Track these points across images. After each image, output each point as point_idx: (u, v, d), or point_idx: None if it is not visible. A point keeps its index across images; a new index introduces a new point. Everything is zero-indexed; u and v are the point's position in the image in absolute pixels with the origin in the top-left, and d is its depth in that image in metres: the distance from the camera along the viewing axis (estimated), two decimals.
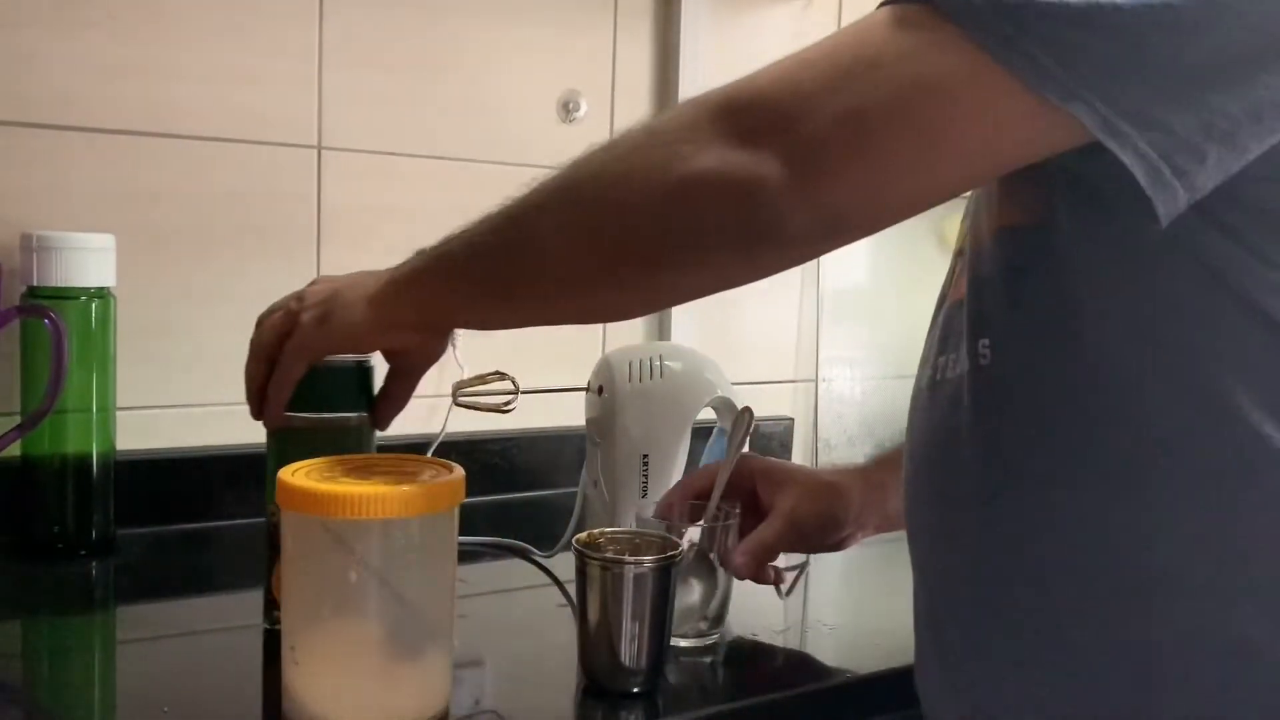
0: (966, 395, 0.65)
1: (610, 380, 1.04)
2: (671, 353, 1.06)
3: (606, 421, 1.04)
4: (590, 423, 1.08)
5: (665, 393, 1.03)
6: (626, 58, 1.42)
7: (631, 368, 1.02)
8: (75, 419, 1.02)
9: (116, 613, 0.99)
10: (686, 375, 1.05)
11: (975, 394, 0.65)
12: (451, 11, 1.29)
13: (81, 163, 1.12)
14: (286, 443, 0.83)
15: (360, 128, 1.25)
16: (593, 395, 1.06)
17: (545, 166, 1.16)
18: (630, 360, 1.03)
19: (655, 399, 1.03)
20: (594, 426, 1.07)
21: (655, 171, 0.62)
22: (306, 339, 0.79)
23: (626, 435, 1.03)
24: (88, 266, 1.02)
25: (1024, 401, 0.63)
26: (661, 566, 0.77)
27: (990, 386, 0.64)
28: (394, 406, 0.87)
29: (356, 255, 1.25)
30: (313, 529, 0.69)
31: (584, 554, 0.78)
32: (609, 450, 1.04)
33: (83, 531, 1.04)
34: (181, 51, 1.15)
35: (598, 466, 1.06)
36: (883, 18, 0.57)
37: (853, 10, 1.58)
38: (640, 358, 1.03)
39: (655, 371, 1.02)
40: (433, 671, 0.72)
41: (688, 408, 1.04)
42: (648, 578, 0.77)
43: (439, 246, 0.75)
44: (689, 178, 0.60)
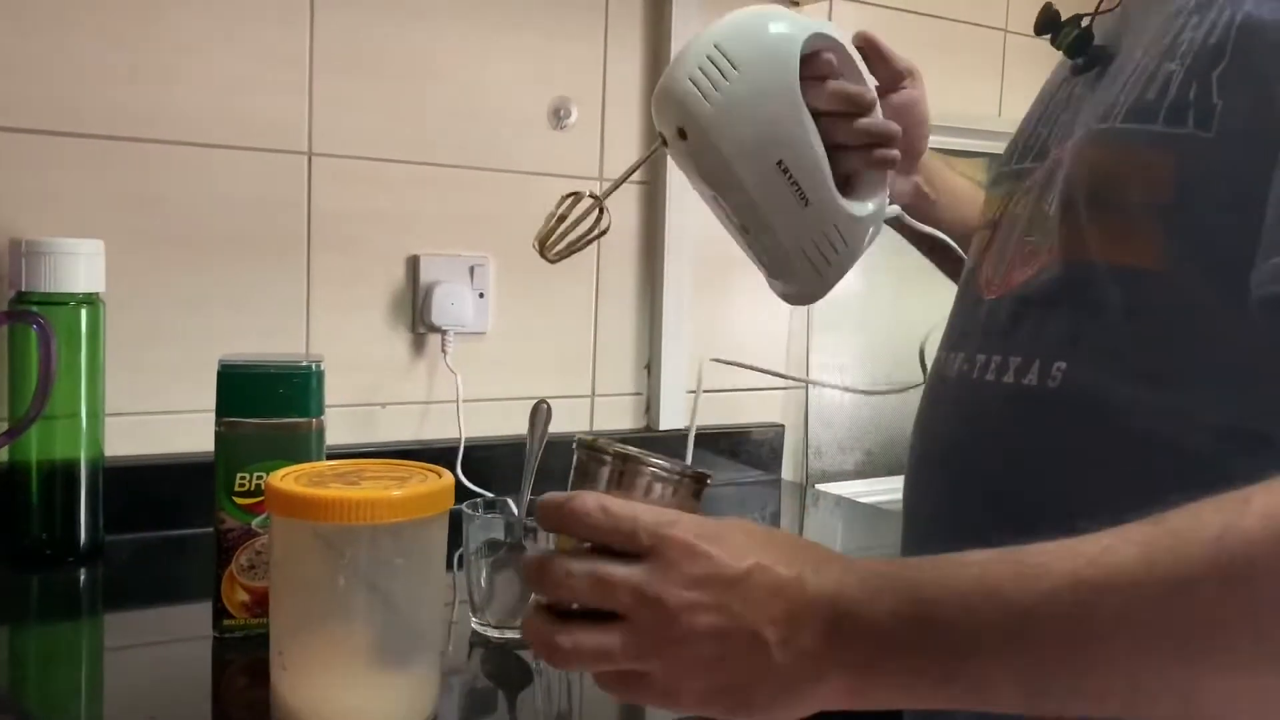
0: (1024, 409, 0.63)
1: (682, 111, 0.77)
2: (723, 37, 0.77)
3: (710, 160, 0.78)
4: (693, 182, 0.84)
5: (754, 79, 0.77)
6: (617, 65, 1.42)
7: (697, 83, 0.76)
8: (63, 425, 1.02)
9: (104, 620, 0.99)
10: (759, 48, 0.78)
11: (1040, 413, 0.63)
12: (442, 18, 1.30)
13: (71, 168, 1.11)
14: (236, 448, 0.83)
15: (351, 134, 1.25)
16: (673, 145, 0.80)
17: (536, 173, 1.17)
18: (686, 76, 0.76)
19: (746, 96, 0.77)
20: (701, 182, 0.82)
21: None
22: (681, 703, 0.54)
23: (745, 158, 0.78)
24: (77, 272, 1.02)
25: (1110, 441, 0.60)
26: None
27: (1063, 410, 0.62)
28: None
29: (346, 261, 1.26)
30: (302, 534, 0.69)
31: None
32: (735, 190, 0.80)
33: (71, 538, 1.03)
34: (172, 58, 1.15)
35: (735, 222, 0.84)
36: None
37: (842, 20, 1.59)
38: (693, 63, 0.77)
39: (723, 69, 0.76)
40: (421, 677, 0.72)
41: (785, 78, 0.78)
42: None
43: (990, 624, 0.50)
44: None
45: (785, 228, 0.81)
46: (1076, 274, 0.63)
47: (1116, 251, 0.60)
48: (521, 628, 0.60)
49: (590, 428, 1.45)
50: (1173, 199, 0.58)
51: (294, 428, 0.85)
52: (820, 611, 0.51)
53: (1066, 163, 0.66)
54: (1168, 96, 0.59)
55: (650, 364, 1.48)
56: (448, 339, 1.31)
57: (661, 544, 0.53)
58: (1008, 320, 0.67)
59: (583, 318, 1.43)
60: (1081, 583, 0.48)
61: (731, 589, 0.52)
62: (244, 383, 0.85)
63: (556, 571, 0.54)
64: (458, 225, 1.33)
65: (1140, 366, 0.59)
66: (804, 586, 0.52)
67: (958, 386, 0.70)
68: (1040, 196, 0.69)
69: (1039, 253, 0.67)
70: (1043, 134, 0.73)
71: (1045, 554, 0.50)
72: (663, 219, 1.45)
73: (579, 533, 0.55)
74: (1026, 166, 0.73)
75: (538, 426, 0.96)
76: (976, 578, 0.50)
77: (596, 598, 0.53)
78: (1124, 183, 0.60)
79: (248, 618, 0.85)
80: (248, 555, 0.85)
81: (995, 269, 0.71)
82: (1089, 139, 0.64)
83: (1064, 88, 0.74)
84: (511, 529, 0.91)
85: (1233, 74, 0.56)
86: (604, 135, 1.41)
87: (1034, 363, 0.64)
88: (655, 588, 0.52)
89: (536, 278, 1.38)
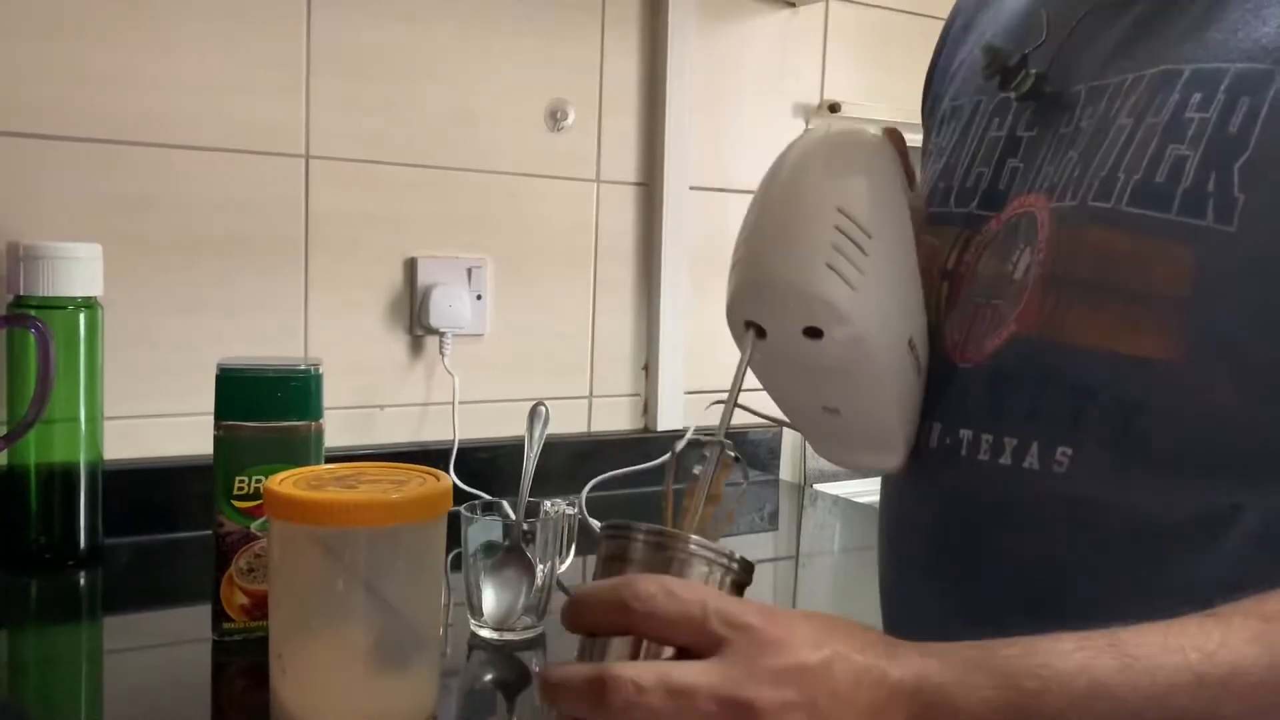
0: (1029, 493, 0.61)
1: (822, 308, 0.59)
2: (840, 193, 0.61)
3: (844, 357, 0.62)
4: (778, 381, 0.69)
5: (888, 240, 0.62)
6: (614, 67, 1.42)
7: (836, 266, 0.59)
8: (62, 429, 1.02)
9: (104, 623, 0.99)
10: (878, 195, 0.62)
11: (1046, 498, 0.60)
12: (439, 21, 1.30)
13: (69, 172, 1.12)
14: (235, 452, 0.84)
15: (348, 137, 1.25)
16: (785, 345, 0.62)
17: (534, 175, 1.17)
18: (821, 261, 0.59)
19: (885, 265, 0.61)
20: (811, 379, 0.66)
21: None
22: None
23: (885, 345, 0.62)
24: (75, 276, 1.02)
25: (1121, 529, 0.59)
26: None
27: (1073, 496, 0.60)
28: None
29: (344, 264, 1.26)
30: (300, 538, 0.69)
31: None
32: (859, 379, 0.63)
33: (70, 541, 1.04)
34: (169, 60, 1.15)
35: (830, 407, 0.67)
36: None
37: (838, 21, 1.59)
38: (824, 240, 0.59)
39: (857, 240, 0.60)
40: (420, 679, 0.72)
41: (907, 228, 0.65)
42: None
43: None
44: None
45: (896, 403, 0.65)
46: (1063, 356, 0.60)
47: (1120, 340, 0.58)
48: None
49: (589, 429, 1.45)
50: (1190, 292, 0.55)
51: (293, 431, 0.85)
52: (906, 701, 0.48)
53: (1049, 231, 0.62)
54: (1182, 183, 0.56)
55: (648, 365, 1.49)
56: (445, 341, 1.31)
57: (737, 634, 0.47)
58: (987, 394, 0.64)
59: (580, 319, 1.44)
60: (1200, 684, 0.46)
61: (817, 683, 0.47)
62: (243, 386, 0.85)
63: (624, 689, 0.46)
64: (455, 227, 1.33)
65: (1153, 456, 0.57)
66: (885, 674, 0.48)
67: (941, 461, 0.66)
68: (1003, 255, 0.65)
69: (1006, 320, 0.64)
70: (985, 174, 0.70)
71: (1149, 645, 0.48)
72: (660, 220, 1.45)
73: (638, 623, 0.48)
74: (977, 213, 0.69)
75: (535, 428, 0.96)
76: (1079, 669, 0.47)
77: (674, 713, 0.46)
78: (1133, 271, 0.58)
79: (247, 621, 0.85)
80: (247, 558, 0.85)
81: (961, 331, 0.67)
82: (1088, 215, 0.60)
83: (997, 122, 0.71)
84: (509, 531, 0.91)
85: (1257, 167, 0.54)
86: (601, 137, 1.42)
87: (1031, 444, 0.61)
88: (742, 690, 0.46)
89: (534, 279, 1.39)
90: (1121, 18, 0.65)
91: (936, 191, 0.73)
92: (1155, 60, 0.61)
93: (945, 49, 0.83)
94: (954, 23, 0.84)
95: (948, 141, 0.75)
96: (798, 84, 1.57)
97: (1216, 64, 0.57)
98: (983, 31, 0.78)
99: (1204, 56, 0.58)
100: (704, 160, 1.49)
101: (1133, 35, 0.63)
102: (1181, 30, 0.61)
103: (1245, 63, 0.56)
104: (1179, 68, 0.59)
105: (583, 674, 0.47)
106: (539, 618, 0.91)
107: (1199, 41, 0.59)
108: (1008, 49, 0.68)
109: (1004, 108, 0.70)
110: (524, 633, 0.90)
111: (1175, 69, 0.59)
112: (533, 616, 0.91)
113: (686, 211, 1.46)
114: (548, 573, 0.91)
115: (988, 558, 0.65)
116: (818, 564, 1.05)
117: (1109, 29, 0.65)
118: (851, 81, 1.61)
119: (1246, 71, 0.56)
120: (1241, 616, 0.49)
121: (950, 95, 0.78)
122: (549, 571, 0.91)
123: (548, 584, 0.91)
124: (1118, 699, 0.47)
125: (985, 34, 0.76)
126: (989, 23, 0.78)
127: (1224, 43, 0.58)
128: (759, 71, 1.54)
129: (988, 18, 0.78)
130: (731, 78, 1.52)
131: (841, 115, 1.57)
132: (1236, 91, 0.56)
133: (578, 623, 0.51)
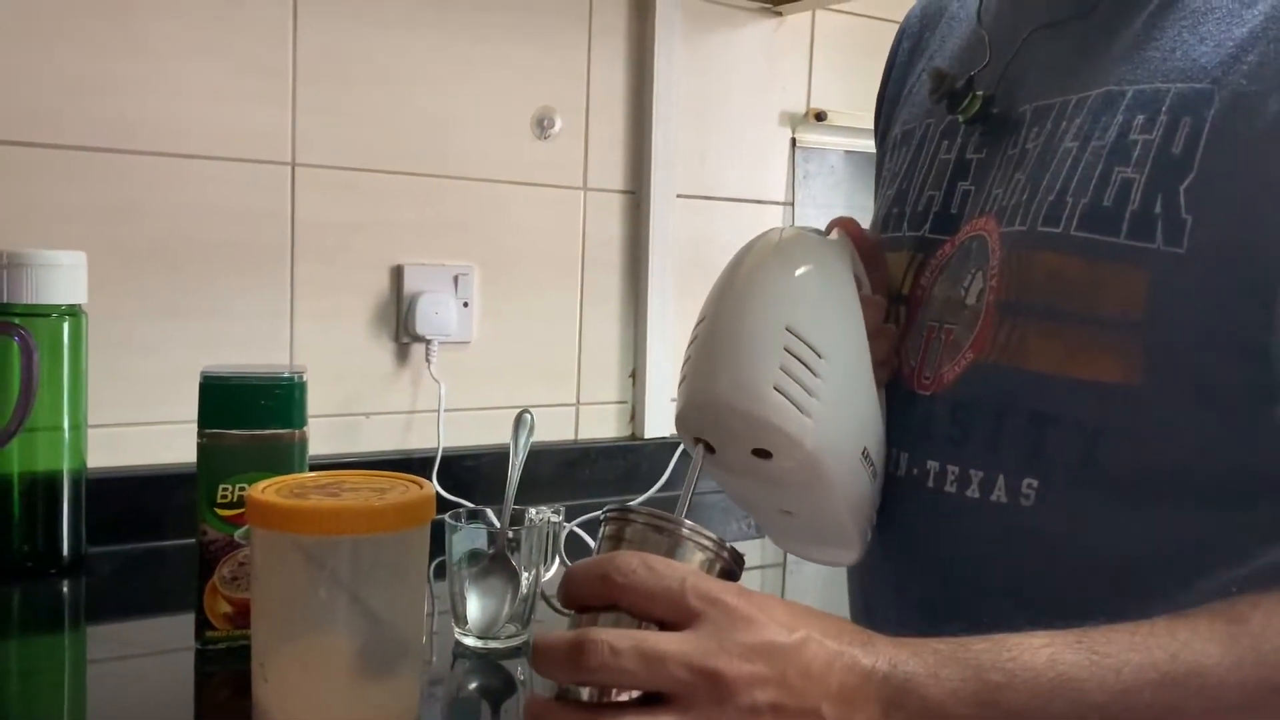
0: (999, 528, 0.61)
1: (770, 431, 0.59)
2: (791, 314, 0.60)
3: (797, 476, 0.62)
4: (737, 487, 0.68)
5: (841, 360, 0.61)
6: (601, 75, 1.43)
7: (785, 390, 0.59)
8: (46, 437, 1.02)
9: (87, 632, 0.98)
10: (829, 315, 0.62)
11: (1015, 532, 0.61)
12: (426, 28, 1.30)
13: (53, 180, 1.11)
14: (219, 460, 0.83)
15: (334, 144, 1.25)
16: (735, 462, 0.63)
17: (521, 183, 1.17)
18: (769, 383, 0.59)
19: (839, 388, 0.61)
20: (762, 490, 0.66)
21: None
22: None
23: (838, 462, 0.62)
24: (59, 284, 1.02)
25: (1089, 557, 0.59)
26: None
27: (1039, 532, 0.60)
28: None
29: (330, 271, 1.26)
30: (283, 546, 0.69)
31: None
32: (811, 490, 0.63)
33: (53, 550, 1.03)
34: (154, 68, 1.15)
35: (784, 508, 0.68)
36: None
37: (825, 30, 1.60)
38: (772, 362, 0.59)
39: (808, 361, 0.59)
40: (403, 688, 0.72)
41: (861, 345, 0.64)
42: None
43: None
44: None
45: (849, 507, 0.64)
46: (1021, 383, 0.60)
47: (1077, 365, 0.58)
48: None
49: (575, 436, 1.45)
50: (1144, 315, 0.56)
51: (276, 439, 0.85)
52: (876, 688, 0.49)
53: (1000, 257, 0.62)
54: (1129, 206, 0.57)
55: (635, 372, 1.49)
56: (432, 348, 1.31)
57: (712, 608, 0.49)
58: (950, 425, 0.64)
59: (567, 326, 1.44)
60: (1164, 681, 0.47)
61: (788, 660, 0.49)
62: (226, 394, 0.85)
63: (599, 651, 0.47)
64: (442, 235, 1.33)
65: (1116, 483, 0.57)
66: (857, 661, 0.50)
67: (910, 491, 0.66)
68: (954, 279, 0.66)
69: (962, 345, 0.64)
70: (937, 197, 0.70)
71: (1116, 643, 0.49)
72: (647, 227, 1.45)
73: (617, 595, 0.50)
74: (930, 236, 0.70)
75: (520, 436, 0.96)
76: (1046, 664, 0.48)
77: (645, 676, 0.48)
78: (1086, 295, 0.58)
79: (231, 629, 0.85)
80: (230, 567, 0.85)
81: (917, 356, 0.68)
82: (1037, 241, 0.60)
83: (946, 145, 0.71)
84: (494, 539, 0.91)
85: (1203, 189, 0.55)
86: (588, 144, 1.42)
87: (998, 477, 0.61)
88: (712, 659, 0.48)
89: (521, 287, 1.39)
90: (1063, 37, 0.65)
91: (890, 217, 0.74)
92: (1098, 80, 0.61)
93: (893, 74, 0.84)
94: (899, 47, 0.84)
95: (899, 166, 0.75)
96: (784, 92, 1.58)
97: (1156, 85, 0.58)
98: (930, 55, 0.78)
99: (1144, 77, 0.59)
100: (691, 168, 1.49)
101: (1075, 54, 0.64)
102: (1122, 49, 0.61)
103: (1184, 83, 0.57)
104: (1121, 89, 0.59)
105: (565, 638, 0.49)
106: (523, 626, 0.91)
107: (1139, 62, 0.59)
108: (953, 72, 0.69)
109: (953, 130, 0.71)
110: (508, 641, 0.90)
111: (1118, 90, 0.59)
112: (517, 625, 0.91)
113: (673, 219, 1.47)
114: (532, 581, 0.91)
115: (957, 590, 0.65)
116: (805, 571, 1.05)
117: (1052, 48, 0.66)
118: (837, 90, 1.61)
119: (1186, 92, 0.56)
120: (1208, 618, 0.49)
121: (901, 121, 0.79)
122: (534, 580, 0.91)
123: (532, 592, 0.91)
124: (1083, 693, 0.48)
125: (933, 58, 0.77)
126: (935, 46, 0.78)
127: (1163, 62, 0.58)
128: (745, 80, 1.54)
129: (934, 42, 0.79)
130: (718, 86, 1.52)
131: (828, 124, 1.58)
132: (1178, 112, 0.56)
133: (567, 596, 0.53)
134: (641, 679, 0.48)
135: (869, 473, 0.64)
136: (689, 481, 0.61)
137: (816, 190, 1.61)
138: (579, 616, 0.53)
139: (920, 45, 0.81)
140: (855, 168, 1.63)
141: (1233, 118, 0.54)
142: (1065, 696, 0.48)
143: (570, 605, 0.54)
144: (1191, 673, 0.47)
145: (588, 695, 0.50)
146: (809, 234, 0.66)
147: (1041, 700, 0.48)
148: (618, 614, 0.51)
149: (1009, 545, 0.61)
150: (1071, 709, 0.48)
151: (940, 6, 0.80)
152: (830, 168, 1.62)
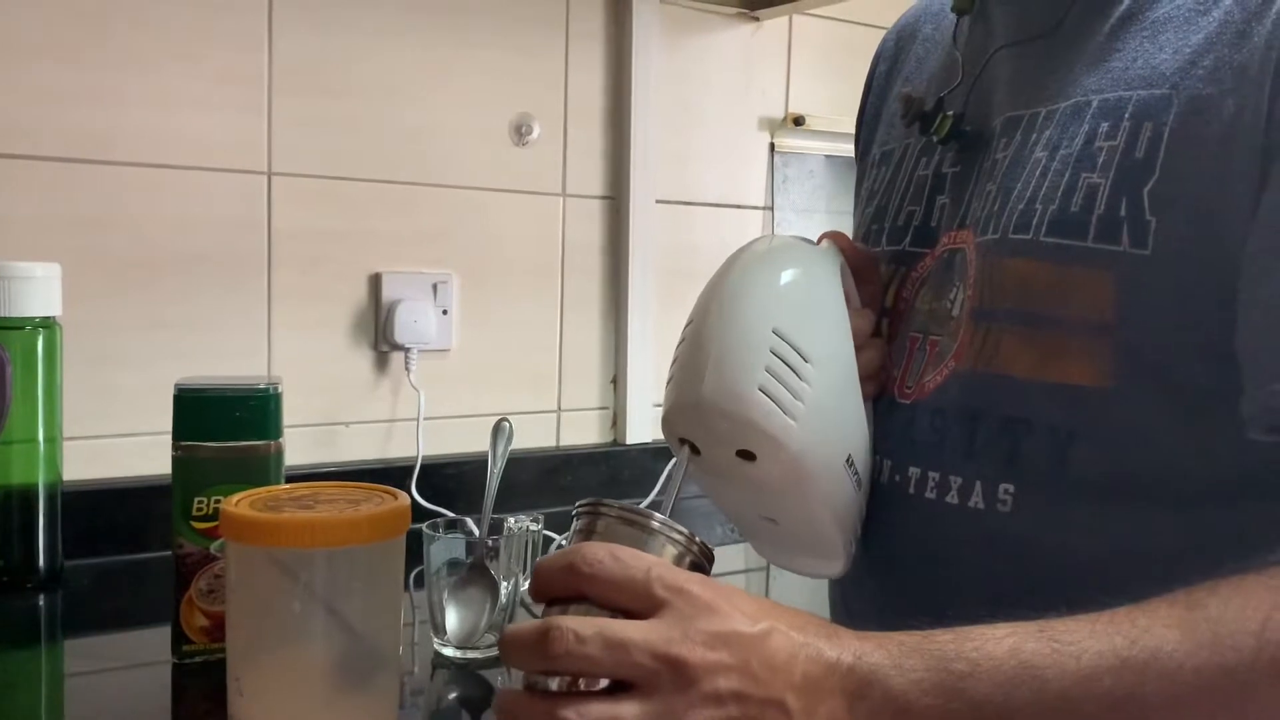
0: (977, 534, 0.62)
1: (754, 433, 0.60)
2: (778, 317, 0.61)
3: (781, 479, 0.62)
4: (721, 492, 0.69)
5: (827, 365, 0.61)
6: (579, 81, 1.43)
7: (770, 391, 0.59)
8: (21, 450, 1.01)
9: (64, 645, 0.98)
10: (818, 319, 0.63)
11: (994, 539, 0.61)
12: (402, 36, 1.30)
13: (26, 191, 1.11)
14: (194, 473, 0.83)
15: (311, 153, 1.25)
16: (719, 463, 0.63)
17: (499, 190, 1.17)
18: (754, 385, 0.59)
19: (825, 392, 0.61)
20: (743, 494, 0.67)
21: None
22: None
23: (822, 467, 0.62)
24: (33, 296, 1.01)
25: (1058, 574, 0.59)
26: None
27: (1017, 538, 0.60)
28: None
29: (307, 281, 1.25)
30: (257, 559, 0.68)
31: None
32: (794, 497, 0.63)
33: (29, 563, 1.02)
34: (129, 78, 1.15)
35: (767, 517, 0.68)
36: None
37: (802, 35, 1.60)
38: (757, 363, 0.60)
39: (794, 365, 0.60)
40: (381, 700, 0.72)
41: (848, 353, 0.64)
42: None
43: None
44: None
45: (832, 514, 0.64)
46: (996, 389, 0.61)
47: (1049, 369, 0.59)
48: (502, 711, 0.53)
49: (557, 443, 1.45)
50: (1113, 317, 0.56)
51: (252, 451, 0.84)
52: (840, 679, 0.50)
53: (976, 266, 0.63)
54: (1095, 210, 0.57)
55: (616, 378, 1.49)
56: (411, 357, 1.30)
57: (677, 597, 0.50)
58: (930, 431, 0.65)
59: (548, 333, 1.44)
60: (1124, 666, 0.48)
61: (752, 650, 0.49)
62: (200, 406, 0.84)
63: (564, 639, 0.48)
64: (420, 243, 1.33)
65: (1090, 485, 0.58)
66: (821, 652, 0.50)
67: (891, 497, 0.67)
68: (938, 292, 0.67)
69: (945, 355, 0.65)
70: (916, 212, 0.71)
71: (1077, 631, 0.49)
72: (626, 233, 1.45)
73: (584, 585, 0.51)
74: (910, 250, 0.71)
75: (499, 445, 0.96)
76: (1009, 653, 0.49)
77: (609, 663, 0.48)
78: (1056, 299, 0.59)
79: (207, 642, 0.85)
80: (206, 580, 0.84)
81: (900, 365, 0.68)
82: (1009, 248, 0.61)
83: (924, 161, 0.72)
84: (472, 549, 0.91)
85: (1165, 191, 0.55)
86: (566, 151, 1.42)
87: (975, 484, 0.62)
88: (676, 647, 0.48)
89: (500, 294, 1.38)
90: (1030, 52, 0.66)
91: (870, 233, 0.75)
92: (1066, 93, 0.62)
93: (871, 96, 0.85)
94: (877, 69, 0.86)
95: (879, 184, 0.76)
96: (763, 97, 1.58)
97: (1119, 93, 0.59)
98: (906, 77, 0.79)
99: (1108, 86, 0.59)
100: (670, 174, 1.49)
101: (1043, 70, 0.65)
102: (1088, 62, 0.62)
103: (1145, 89, 0.58)
104: (1087, 99, 0.60)
105: (531, 627, 0.50)
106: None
107: (1103, 72, 0.60)
108: (922, 95, 0.70)
109: (929, 148, 0.72)
110: (488, 651, 0.90)
111: (1084, 100, 0.60)
112: (496, 634, 0.90)
113: (653, 225, 1.47)
114: (512, 590, 0.91)
115: (937, 595, 0.65)
116: (788, 576, 1.05)
117: (1020, 65, 0.67)
118: (816, 94, 1.62)
119: (1147, 98, 0.57)
120: (1167, 605, 0.50)
121: (879, 142, 0.80)
122: (513, 589, 0.91)
123: (512, 602, 0.91)
124: (1044, 681, 0.48)
125: (909, 79, 0.78)
126: (912, 67, 0.79)
127: (1125, 71, 0.59)
128: (724, 85, 1.54)
129: (910, 63, 0.80)
130: (696, 91, 1.52)
131: (806, 128, 1.58)
132: (1140, 118, 0.57)
133: (536, 589, 0.54)
134: (606, 666, 0.49)
135: (853, 481, 0.64)
136: (674, 482, 0.62)
137: (796, 195, 1.61)
138: (549, 609, 0.54)
139: (896, 67, 0.82)
140: (835, 172, 1.64)
141: (1192, 121, 0.55)
142: (1027, 685, 0.49)
143: (540, 598, 0.54)
144: (1151, 658, 0.48)
145: (556, 685, 0.51)
146: (798, 242, 0.67)
147: (1004, 689, 0.49)
148: (587, 606, 0.52)
149: (988, 550, 0.62)
150: (1034, 697, 0.48)
151: (914, 30, 0.82)
152: (810, 172, 1.62)
